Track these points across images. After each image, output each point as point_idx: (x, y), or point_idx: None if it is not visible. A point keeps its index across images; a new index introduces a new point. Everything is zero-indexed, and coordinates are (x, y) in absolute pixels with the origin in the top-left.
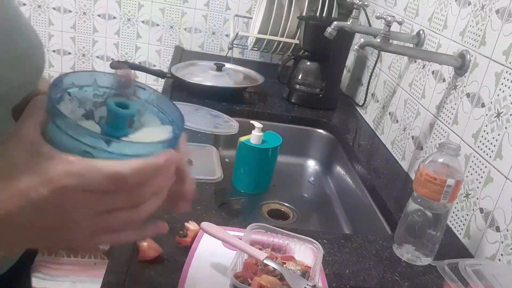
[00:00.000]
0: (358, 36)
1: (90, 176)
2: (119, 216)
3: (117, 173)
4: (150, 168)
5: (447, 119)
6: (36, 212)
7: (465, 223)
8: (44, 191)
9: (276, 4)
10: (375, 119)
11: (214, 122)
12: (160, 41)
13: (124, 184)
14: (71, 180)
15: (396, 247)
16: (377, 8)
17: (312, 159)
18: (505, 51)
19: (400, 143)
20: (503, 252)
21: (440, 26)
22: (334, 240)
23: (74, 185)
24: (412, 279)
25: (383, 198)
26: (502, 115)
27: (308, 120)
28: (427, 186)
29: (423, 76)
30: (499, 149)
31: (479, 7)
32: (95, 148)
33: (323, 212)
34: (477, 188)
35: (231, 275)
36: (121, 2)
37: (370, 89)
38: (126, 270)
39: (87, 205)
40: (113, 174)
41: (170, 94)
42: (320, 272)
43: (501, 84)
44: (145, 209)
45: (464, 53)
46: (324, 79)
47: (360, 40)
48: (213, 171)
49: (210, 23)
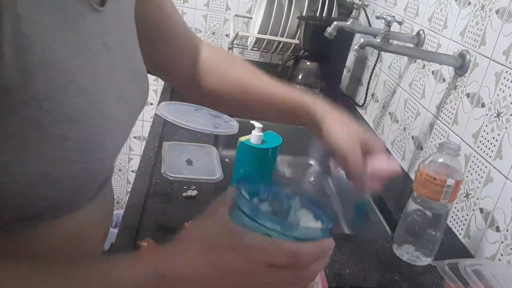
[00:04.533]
0: (358, 36)
1: (276, 252)
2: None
3: (297, 251)
4: (319, 250)
5: (447, 119)
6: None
7: (465, 223)
8: (241, 262)
9: (276, 4)
10: (375, 119)
11: (214, 122)
12: None
13: (299, 261)
14: (262, 255)
15: (396, 247)
16: (377, 8)
17: (312, 159)
18: (505, 51)
19: (400, 143)
20: (503, 252)
21: (440, 26)
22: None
23: (262, 259)
24: (412, 279)
25: (383, 198)
26: (502, 115)
27: None
28: (427, 186)
29: (423, 76)
30: (499, 149)
31: (479, 7)
32: (273, 230)
33: None
34: (477, 188)
35: None
36: None
37: (370, 89)
38: None
39: (265, 275)
40: (294, 252)
41: (170, 94)
42: (320, 272)
43: (501, 84)
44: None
45: (464, 53)
46: (324, 79)
47: (360, 40)
48: (213, 171)
49: (210, 23)
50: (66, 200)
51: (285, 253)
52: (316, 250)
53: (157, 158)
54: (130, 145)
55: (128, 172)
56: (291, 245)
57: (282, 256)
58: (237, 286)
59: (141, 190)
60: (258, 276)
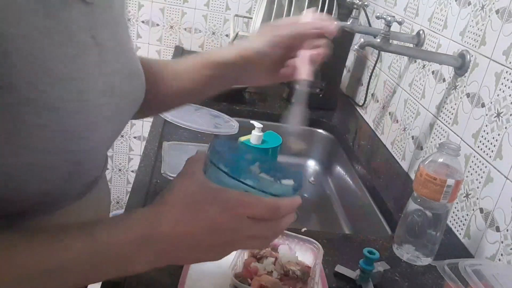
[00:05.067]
0: (358, 36)
1: (258, 205)
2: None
3: (278, 205)
4: (294, 205)
5: (447, 119)
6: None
7: (465, 223)
8: (225, 217)
9: (276, 4)
10: (375, 119)
11: (214, 122)
12: (160, 41)
13: (279, 214)
14: (244, 208)
15: (396, 247)
16: (377, 8)
17: (312, 159)
18: (505, 51)
19: (400, 143)
20: (503, 252)
21: (440, 26)
22: (334, 240)
23: (245, 213)
24: (412, 279)
25: (383, 198)
26: (502, 115)
27: (308, 120)
28: (427, 186)
29: (423, 76)
30: (499, 149)
31: (479, 7)
32: (252, 187)
33: (323, 212)
34: (477, 188)
35: (231, 275)
36: None
37: (370, 89)
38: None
39: (247, 229)
40: (276, 205)
41: None
42: (320, 272)
43: (501, 84)
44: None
45: (464, 53)
46: (324, 79)
47: (360, 40)
48: None
49: (210, 23)
50: (54, 194)
51: (267, 207)
52: (291, 205)
53: (157, 158)
54: (130, 145)
55: (128, 172)
56: (271, 199)
57: (264, 210)
58: (222, 241)
59: (141, 190)
60: (242, 229)
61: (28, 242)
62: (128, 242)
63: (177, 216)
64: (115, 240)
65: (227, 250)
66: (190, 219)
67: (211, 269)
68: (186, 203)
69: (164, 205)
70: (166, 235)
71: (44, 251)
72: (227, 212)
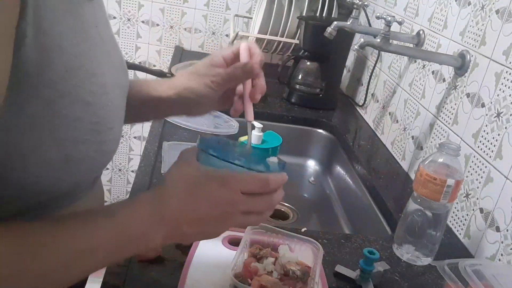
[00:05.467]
0: (358, 36)
1: (250, 180)
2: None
3: (268, 178)
4: (282, 180)
5: (447, 119)
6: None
7: (465, 223)
8: (222, 191)
9: (276, 4)
10: (375, 119)
11: (214, 122)
12: (160, 41)
13: (270, 187)
14: (238, 183)
15: (396, 247)
16: (377, 8)
17: (312, 159)
18: (505, 51)
19: (400, 143)
20: (503, 252)
21: (440, 26)
22: (334, 240)
23: (239, 186)
24: (412, 279)
25: (383, 198)
26: (502, 115)
27: (308, 120)
28: (427, 186)
29: (423, 76)
30: (499, 149)
31: (479, 7)
32: (241, 166)
33: (323, 212)
34: (477, 188)
35: (231, 275)
36: (121, 2)
37: (370, 89)
38: (126, 271)
39: (242, 202)
40: (266, 179)
41: None
42: (320, 272)
43: (501, 84)
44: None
45: (464, 53)
46: (324, 79)
47: (360, 40)
48: None
49: (210, 23)
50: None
51: (258, 180)
52: (280, 179)
53: (157, 158)
54: (130, 145)
55: (128, 172)
56: (261, 174)
57: (257, 183)
58: (220, 212)
59: (141, 190)
60: (238, 203)
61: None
62: (145, 220)
63: (180, 195)
64: (133, 220)
65: (227, 224)
66: (193, 196)
67: (211, 269)
68: (187, 183)
69: (166, 188)
70: (173, 213)
71: (71, 237)
72: (223, 187)
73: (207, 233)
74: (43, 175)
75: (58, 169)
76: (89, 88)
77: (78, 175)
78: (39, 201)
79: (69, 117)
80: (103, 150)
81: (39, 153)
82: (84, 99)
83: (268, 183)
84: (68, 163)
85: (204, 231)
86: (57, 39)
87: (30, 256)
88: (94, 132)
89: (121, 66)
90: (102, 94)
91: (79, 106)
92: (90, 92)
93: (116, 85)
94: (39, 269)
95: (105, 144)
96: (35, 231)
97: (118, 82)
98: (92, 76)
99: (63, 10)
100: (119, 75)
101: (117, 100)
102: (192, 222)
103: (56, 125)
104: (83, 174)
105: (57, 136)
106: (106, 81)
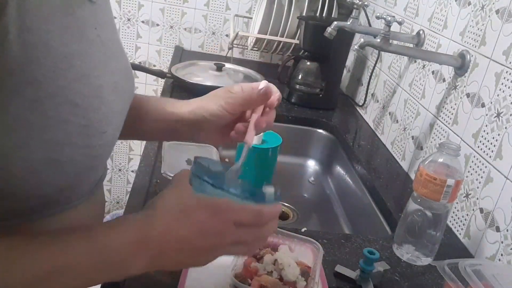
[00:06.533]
0: (358, 36)
1: (243, 211)
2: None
3: (261, 210)
4: (276, 211)
5: (447, 119)
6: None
7: (465, 223)
8: (213, 221)
9: (276, 4)
10: (375, 119)
11: None
12: (160, 41)
13: (263, 219)
14: (231, 213)
15: (396, 247)
16: (377, 8)
17: (312, 159)
18: (505, 51)
19: (400, 143)
20: (503, 252)
21: (440, 26)
22: (334, 240)
23: (231, 217)
24: (412, 279)
25: (383, 198)
26: (502, 115)
27: (308, 120)
28: (427, 186)
29: (423, 76)
30: (499, 149)
31: (479, 7)
32: (235, 195)
33: (323, 212)
34: (477, 188)
35: (231, 275)
36: (121, 2)
37: (370, 89)
38: None
39: (232, 233)
40: (259, 211)
41: (170, 94)
42: (320, 272)
43: (501, 84)
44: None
45: (464, 53)
46: (324, 79)
47: (360, 40)
48: None
49: (210, 23)
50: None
51: (251, 212)
52: (274, 211)
53: (157, 158)
54: (130, 145)
55: (128, 172)
56: (255, 206)
57: (249, 215)
58: (209, 244)
59: (141, 190)
60: (228, 234)
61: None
62: (126, 244)
63: (169, 221)
64: (113, 243)
65: (214, 255)
66: (182, 223)
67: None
68: (177, 209)
69: (155, 211)
70: (159, 239)
71: (46, 252)
72: (215, 216)
73: (193, 262)
74: (27, 177)
75: (41, 171)
76: (79, 90)
77: (62, 179)
78: (27, 206)
79: (55, 119)
80: (91, 155)
81: (23, 154)
82: (73, 101)
83: (262, 216)
84: (51, 165)
85: (189, 262)
86: (44, 37)
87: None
88: (82, 136)
89: (125, 71)
90: (94, 97)
91: (67, 108)
92: (80, 94)
93: (114, 89)
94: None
95: (95, 149)
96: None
97: (117, 86)
98: (84, 77)
99: (54, 8)
100: (119, 79)
101: (113, 105)
102: (178, 251)
103: (41, 126)
104: (68, 178)
105: (42, 137)
106: (101, 84)
